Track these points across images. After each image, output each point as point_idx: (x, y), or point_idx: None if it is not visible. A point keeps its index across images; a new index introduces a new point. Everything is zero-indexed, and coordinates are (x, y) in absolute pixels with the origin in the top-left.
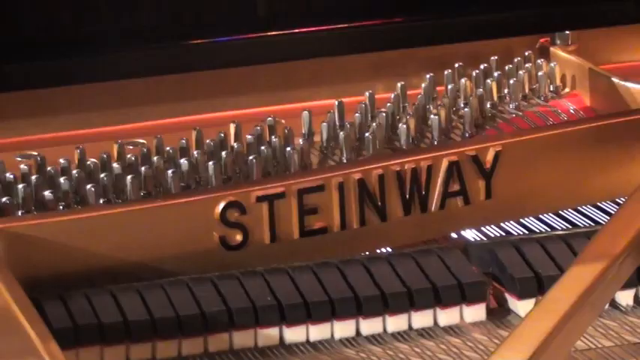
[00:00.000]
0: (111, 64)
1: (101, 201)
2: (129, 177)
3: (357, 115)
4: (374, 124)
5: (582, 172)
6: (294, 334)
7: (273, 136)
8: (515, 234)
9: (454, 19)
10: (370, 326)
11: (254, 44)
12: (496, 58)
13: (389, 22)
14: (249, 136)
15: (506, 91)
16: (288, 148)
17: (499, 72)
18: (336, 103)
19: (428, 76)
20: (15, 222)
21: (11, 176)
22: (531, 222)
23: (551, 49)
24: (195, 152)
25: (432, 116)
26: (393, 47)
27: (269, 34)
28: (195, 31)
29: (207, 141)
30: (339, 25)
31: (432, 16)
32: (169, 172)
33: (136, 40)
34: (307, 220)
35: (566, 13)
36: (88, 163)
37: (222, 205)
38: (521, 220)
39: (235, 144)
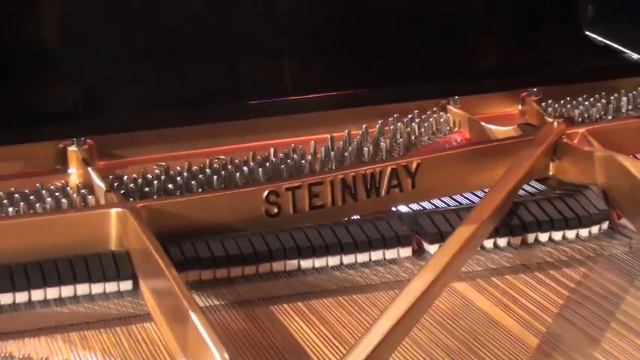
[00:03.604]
0: (204, 115)
1: (199, 190)
2: (215, 177)
3: (341, 142)
4: (350, 147)
5: (466, 173)
6: (306, 263)
7: (294, 154)
8: (429, 208)
9: (395, 89)
10: (348, 259)
11: (284, 103)
12: (417, 111)
13: (358, 91)
14: (281, 154)
15: (423, 129)
16: (303, 161)
17: (419, 119)
18: (329, 136)
19: (380, 121)
20: (152, 202)
21: (150, 176)
22: (437, 202)
23: (448, 106)
24: (251, 163)
25: (382, 143)
26: (361, 105)
27: (292, 98)
28: (251, 95)
29: (258, 157)
30: (331, 93)
31: (383, 87)
32: (237, 174)
33: (218, 100)
34: (313, 200)
35: (456, 87)
36: (193, 169)
37: (266, 192)
38: (431, 200)
39: (274, 158)
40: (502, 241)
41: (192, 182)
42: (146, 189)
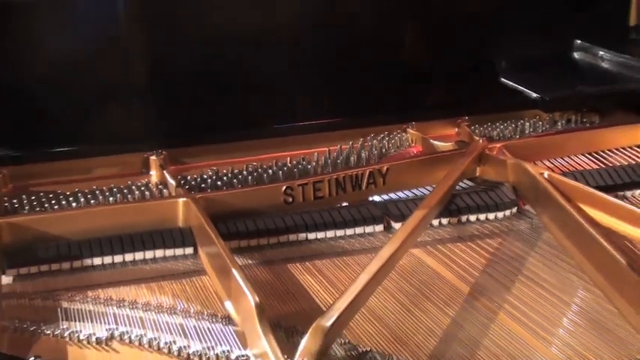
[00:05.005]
0: (242, 135)
1: (239, 186)
2: (249, 177)
3: (335, 153)
4: (341, 157)
5: (419, 174)
6: (311, 235)
7: (303, 162)
8: (394, 198)
9: (372, 117)
10: (339, 233)
11: (297, 127)
12: (387, 132)
13: (347, 118)
14: (295, 162)
15: (390, 145)
16: (309, 166)
17: (388, 137)
18: (327, 149)
19: (361, 139)
20: (207, 194)
21: (205, 176)
22: (401, 194)
23: (407, 129)
24: (274, 167)
25: (362, 154)
26: (348, 128)
27: (302, 123)
28: (274, 121)
29: (279, 163)
30: (328, 120)
31: (364, 116)
32: (264, 175)
33: (252, 124)
34: (316, 193)
35: (413, 116)
36: (235, 171)
37: (284, 187)
38: (397, 193)
39: (289, 164)
40: (445, 220)
41: (234, 180)
42: (202, 185)
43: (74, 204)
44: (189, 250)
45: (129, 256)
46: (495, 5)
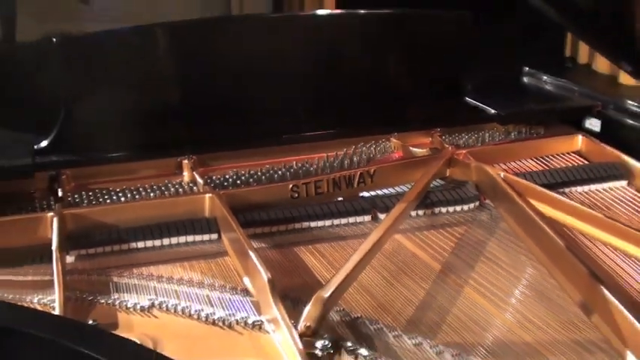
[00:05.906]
0: (256, 143)
1: (255, 184)
2: (263, 177)
3: (332, 158)
4: (337, 161)
5: (400, 175)
6: (314, 224)
7: (306, 165)
8: (381, 194)
9: (362, 128)
10: (336, 222)
11: (301, 136)
12: (374, 141)
13: (341, 130)
14: (299, 164)
15: (377, 151)
16: (311, 168)
17: (375, 145)
18: (326, 155)
19: (353, 146)
20: (228, 191)
21: (227, 176)
22: (385, 190)
23: (391, 138)
24: (283, 169)
25: (355, 159)
26: (343, 138)
27: (305, 134)
28: (282, 131)
29: (287, 166)
30: (326, 131)
31: (355, 127)
32: (275, 175)
33: (265, 135)
34: (317, 190)
35: (395, 128)
36: (251, 172)
37: (291, 185)
38: (382, 190)
39: (295, 167)
40: (421, 212)
41: (250, 180)
42: (225, 184)
43: (122, 198)
44: (214, 236)
45: (166, 241)
46: (462, 45)
